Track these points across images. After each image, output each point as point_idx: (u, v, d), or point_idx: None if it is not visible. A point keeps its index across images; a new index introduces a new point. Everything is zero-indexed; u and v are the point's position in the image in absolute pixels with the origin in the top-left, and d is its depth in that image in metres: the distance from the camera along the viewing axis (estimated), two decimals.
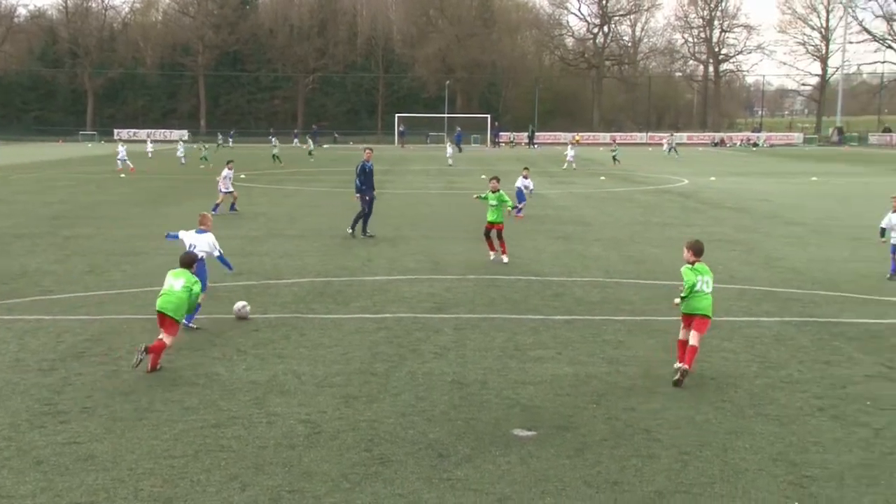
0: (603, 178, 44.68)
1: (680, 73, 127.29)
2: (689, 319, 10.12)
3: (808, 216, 27.27)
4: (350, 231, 22.12)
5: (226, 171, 27.51)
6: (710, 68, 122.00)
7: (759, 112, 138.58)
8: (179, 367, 10.45)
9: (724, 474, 7.41)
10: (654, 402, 9.28)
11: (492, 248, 18.40)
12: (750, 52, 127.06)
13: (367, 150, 22.94)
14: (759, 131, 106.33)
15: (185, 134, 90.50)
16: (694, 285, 9.98)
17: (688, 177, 45.61)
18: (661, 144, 77.41)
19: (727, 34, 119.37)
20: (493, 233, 18.27)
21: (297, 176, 46.30)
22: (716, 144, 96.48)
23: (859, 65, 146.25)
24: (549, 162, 57.69)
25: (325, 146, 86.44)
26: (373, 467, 7.55)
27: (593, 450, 7.95)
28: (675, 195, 34.97)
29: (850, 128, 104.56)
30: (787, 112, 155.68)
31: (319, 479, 7.30)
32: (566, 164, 52.52)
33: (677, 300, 10.19)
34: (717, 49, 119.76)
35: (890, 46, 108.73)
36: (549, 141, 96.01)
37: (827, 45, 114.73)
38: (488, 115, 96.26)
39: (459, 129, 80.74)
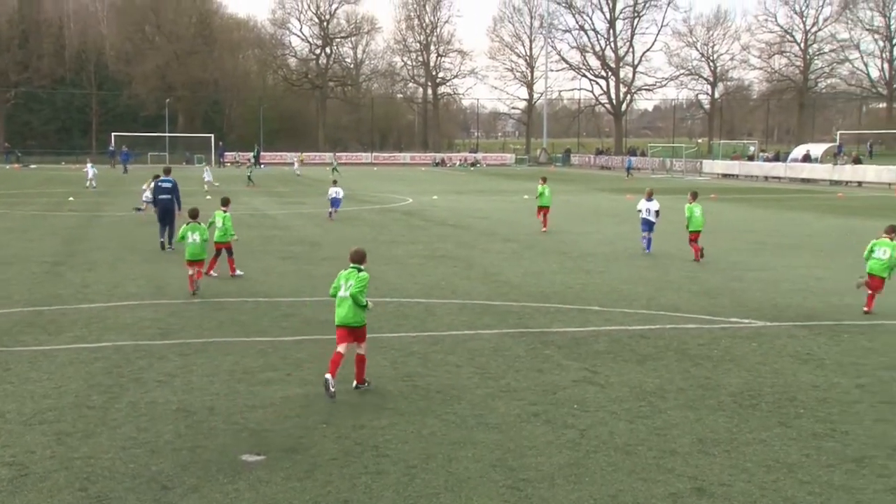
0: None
1: (401, 95, 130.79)
2: (872, 279, 14.77)
3: (520, 232, 29.00)
4: (171, 247, 22.61)
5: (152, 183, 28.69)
6: (429, 91, 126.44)
7: (476, 133, 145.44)
8: None
9: (448, 484, 7.71)
10: (383, 418, 9.48)
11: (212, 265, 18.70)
12: (464, 77, 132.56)
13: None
14: (475, 152, 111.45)
15: None
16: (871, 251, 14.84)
17: (412, 195, 47.01)
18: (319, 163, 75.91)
19: (443, 58, 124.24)
20: (223, 252, 18.84)
21: (1, 198, 42.79)
22: (437, 164, 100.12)
23: (560, 91, 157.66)
24: (276, 182, 57.16)
25: (31, 166, 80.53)
26: None
27: (323, 470, 8.00)
28: (400, 213, 35.93)
29: (555, 149, 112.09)
30: (500, 134, 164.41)
31: None
32: (206, 186, 50.62)
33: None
34: (434, 73, 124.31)
35: (584, 75, 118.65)
36: (275, 161, 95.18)
37: (532, 72, 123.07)
38: (212, 135, 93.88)
39: (126, 148, 76.57)
